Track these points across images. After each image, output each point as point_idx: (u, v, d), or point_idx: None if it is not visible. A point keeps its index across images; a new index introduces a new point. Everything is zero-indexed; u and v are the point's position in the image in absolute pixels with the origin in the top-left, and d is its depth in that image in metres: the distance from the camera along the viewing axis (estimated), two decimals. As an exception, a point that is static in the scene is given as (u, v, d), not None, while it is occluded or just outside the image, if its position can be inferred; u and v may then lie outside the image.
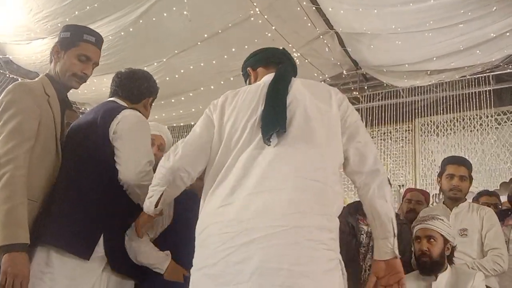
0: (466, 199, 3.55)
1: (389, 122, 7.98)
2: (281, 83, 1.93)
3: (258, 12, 5.74)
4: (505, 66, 6.98)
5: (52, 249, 2.10)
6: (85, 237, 2.13)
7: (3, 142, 2.02)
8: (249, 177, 1.75)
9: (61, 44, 2.33)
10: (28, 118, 2.11)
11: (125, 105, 2.43)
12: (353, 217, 3.50)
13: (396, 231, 1.84)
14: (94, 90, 6.50)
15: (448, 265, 2.94)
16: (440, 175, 3.60)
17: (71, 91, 2.41)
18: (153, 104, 2.62)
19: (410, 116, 7.99)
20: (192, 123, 6.33)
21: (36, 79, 2.36)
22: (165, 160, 1.96)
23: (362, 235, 3.45)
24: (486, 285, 2.92)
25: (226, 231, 1.71)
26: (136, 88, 2.49)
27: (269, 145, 1.77)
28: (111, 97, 2.50)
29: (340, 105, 1.93)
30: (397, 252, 1.83)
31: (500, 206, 4.45)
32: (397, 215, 3.65)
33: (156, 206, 2.03)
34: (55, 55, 2.33)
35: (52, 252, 2.10)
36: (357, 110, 8.12)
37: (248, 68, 2.19)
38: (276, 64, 2.09)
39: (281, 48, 2.25)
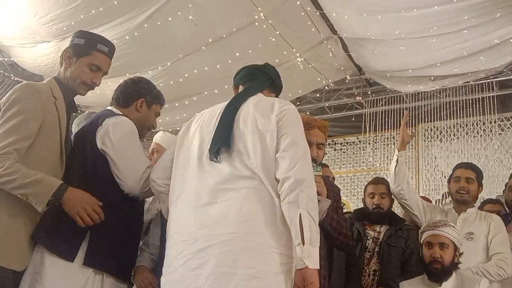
0: (474, 206, 3.56)
1: (392, 127, 7.96)
2: (232, 106, 2.09)
3: (263, 17, 5.75)
4: (509, 72, 6.99)
5: (45, 249, 2.13)
6: (69, 239, 2.16)
7: (1, 138, 2.03)
8: (204, 189, 1.94)
9: (73, 50, 2.34)
10: (30, 118, 2.12)
11: (118, 112, 2.50)
12: (359, 223, 3.51)
13: (306, 240, 1.75)
14: (98, 94, 6.49)
15: (453, 271, 2.95)
16: (449, 181, 3.64)
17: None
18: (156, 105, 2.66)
19: (413, 122, 7.96)
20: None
21: (44, 81, 2.39)
22: None
23: (368, 241, 3.46)
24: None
25: (185, 238, 1.90)
26: (122, 93, 2.58)
27: (217, 162, 1.97)
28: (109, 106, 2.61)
29: (277, 116, 2.01)
30: (308, 262, 1.75)
31: (503, 213, 4.45)
32: (404, 221, 3.66)
33: None
34: (66, 60, 2.34)
35: (45, 251, 2.14)
36: (360, 115, 8.24)
37: (233, 87, 2.38)
38: (252, 81, 2.26)
39: (262, 64, 2.41)
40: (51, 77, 2.38)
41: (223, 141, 1.96)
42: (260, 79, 2.27)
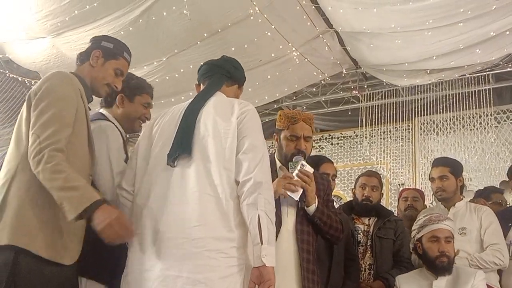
0: (462, 198, 3.57)
1: (388, 121, 7.97)
2: (193, 110, 2.13)
3: (258, 11, 5.73)
4: (505, 65, 6.98)
5: None
6: None
7: (43, 128, 1.97)
8: (160, 193, 1.99)
9: (103, 52, 2.35)
10: (67, 105, 2.09)
11: (104, 115, 2.56)
12: (348, 217, 3.51)
13: (264, 240, 1.84)
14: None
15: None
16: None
17: None
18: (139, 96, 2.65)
19: (409, 115, 7.98)
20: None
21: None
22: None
23: (359, 235, 3.47)
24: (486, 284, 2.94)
25: (142, 242, 1.96)
26: None
27: (173, 166, 2.01)
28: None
29: (238, 118, 2.06)
30: (266, 260, 1.84)
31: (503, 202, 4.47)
32: (392, 213, 3.69)
33: None
34: (94, 59, 2.33)
35: None
36: (357, 109, 8.24)
37: (195, 84, 2.43)
38: (209, 79, 2.32)
39: (220, 57, 2.46)
40: (68, 72, 2.33)
41: (184, 148, 2.01)
42: (216, 75, 2.31)
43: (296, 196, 2.48)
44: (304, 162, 2.54)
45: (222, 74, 2.32)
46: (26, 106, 2.09)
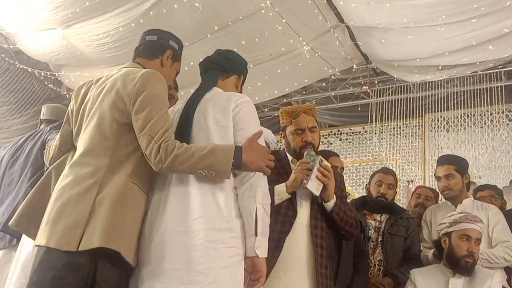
0: (469, 196, 3.57)
1: (399, 117, 7.93)
2: (190, 105, 2.14)
3: (269, 5, 5.70)
4: (517, 62, 6.92)
5: None
6: None
7: (155, 128, 1.95)
8: (163, 188, 2.01)
9: (173, 52, 2.34)
10: (167, 107, 2.11)
11: None
12: (360, 213, 3.51)
13: (259, 231, 1.90)
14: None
15: None
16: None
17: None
18: None
19: (420, 111, 7.94)
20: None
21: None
22: None
23: (370, 230, 3.47)
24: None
25: (148, 234, 1.95)
26: None
27: None
28: None
29: (233, 111, 2.06)
30: (258, 251, 1.90)
31: (498, 197, 4.43)
32: (404, 210, 3.68)
33: None
34: (166, 58, 2.31)
35: None
36: (367, 104, 8.18)
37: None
38: (204, 75, 2.33)
39: (214, 52, 2.45)
40: (138, 65, 2.29)
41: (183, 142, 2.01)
42: (210, 71, 2.31)
43: (317, 192, 2.48)
44: (321, 157, 2.54)
45: (215, 69, 2.31)
46: (118, 102, 2.03)
